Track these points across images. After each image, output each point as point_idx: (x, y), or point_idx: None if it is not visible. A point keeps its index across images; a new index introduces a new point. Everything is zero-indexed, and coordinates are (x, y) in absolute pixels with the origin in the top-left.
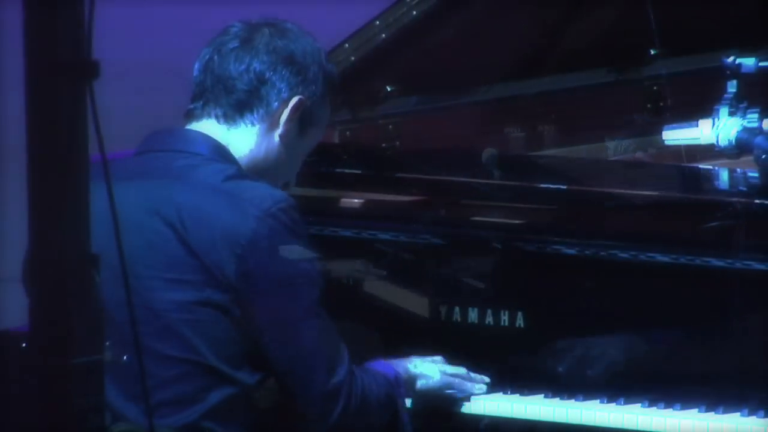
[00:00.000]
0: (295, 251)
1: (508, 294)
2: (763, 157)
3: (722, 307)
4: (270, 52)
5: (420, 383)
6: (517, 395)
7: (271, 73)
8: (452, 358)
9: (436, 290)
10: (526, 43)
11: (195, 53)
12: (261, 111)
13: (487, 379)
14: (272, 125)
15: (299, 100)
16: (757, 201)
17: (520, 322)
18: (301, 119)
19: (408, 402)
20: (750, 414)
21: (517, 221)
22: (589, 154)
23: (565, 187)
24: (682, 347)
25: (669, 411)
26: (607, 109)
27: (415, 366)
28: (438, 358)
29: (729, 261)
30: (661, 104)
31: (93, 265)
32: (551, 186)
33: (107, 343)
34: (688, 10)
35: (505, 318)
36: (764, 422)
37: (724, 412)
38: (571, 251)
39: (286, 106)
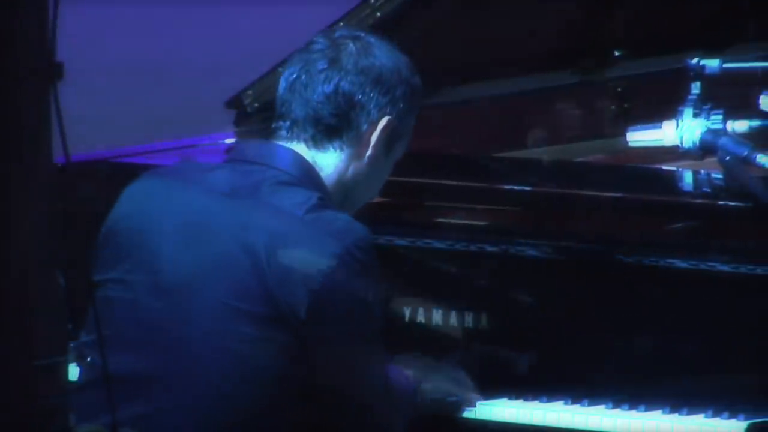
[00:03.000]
0: (367, 290)
1: (472, 295)
2: (727, 158)
3: (686, 309)
4: (359, 72)
5: (429, 392)
6: (480, 397)
7: (361, 95)
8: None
9: (398, 291)
10: (490, 45)
11: (167, 54)
12: (351, 134)
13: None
14: (361, 148)
15: (388, 120)
16: (720, 202)
17: (483, 323)
18: (389, 138)
19: None
20: (714, 415)
21: (480, 222)
22: (554, 155)
23: (528, 188)
24: (646, 349)
25: (633, 412)
26: (570, 110)
27: (424, 374)
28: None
29: (693, 262)
30: (625, 106)
31: (57, 266)
32: (515, 187)
33: (73, 347)
34: (652, 12)
35: (468, 319)
36: (728, 424)
37: (689, 413)
38: (535, 253)
39: (375, 128)
